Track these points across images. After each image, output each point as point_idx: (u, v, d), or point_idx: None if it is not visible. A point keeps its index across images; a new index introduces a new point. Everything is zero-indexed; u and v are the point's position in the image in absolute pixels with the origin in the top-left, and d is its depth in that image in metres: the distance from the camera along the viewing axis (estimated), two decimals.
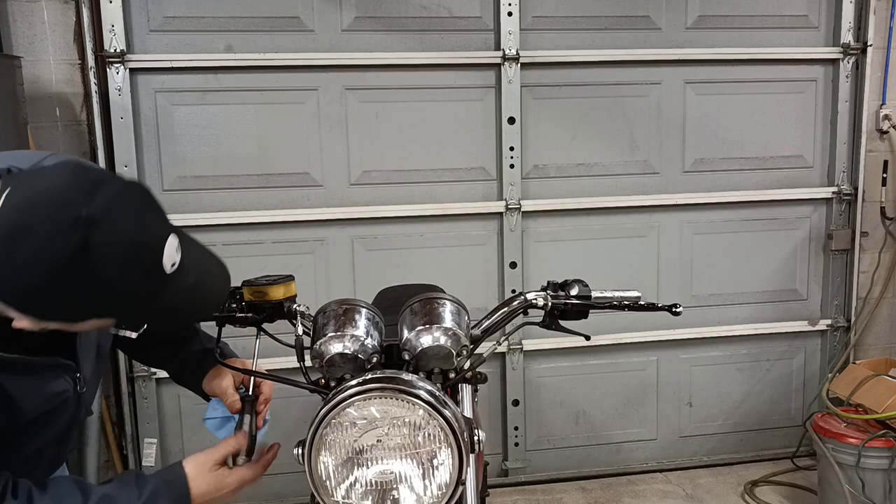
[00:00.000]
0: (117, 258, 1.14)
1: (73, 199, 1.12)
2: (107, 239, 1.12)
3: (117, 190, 1.17)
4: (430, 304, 1.59)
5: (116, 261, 1.14)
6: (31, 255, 1.09)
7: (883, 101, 3.99)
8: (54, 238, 1.10)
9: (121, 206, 1.16)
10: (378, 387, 1.39)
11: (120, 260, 1.14)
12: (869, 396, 3.35)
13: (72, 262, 1.10)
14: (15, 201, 1.12)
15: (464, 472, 1.39)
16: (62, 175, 1.15)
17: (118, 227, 1.14)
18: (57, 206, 1.11)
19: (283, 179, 3.60)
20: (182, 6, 3.42)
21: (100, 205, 1.13)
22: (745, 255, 4.02)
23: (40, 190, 1.13)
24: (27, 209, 1.11)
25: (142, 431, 3.63)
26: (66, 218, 1.10)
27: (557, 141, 3.77)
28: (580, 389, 4.00)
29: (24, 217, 1.11)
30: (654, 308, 1.78)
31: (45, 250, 1.09)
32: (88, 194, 1.13)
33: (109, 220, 1.13)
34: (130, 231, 1.16)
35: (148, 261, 1.18)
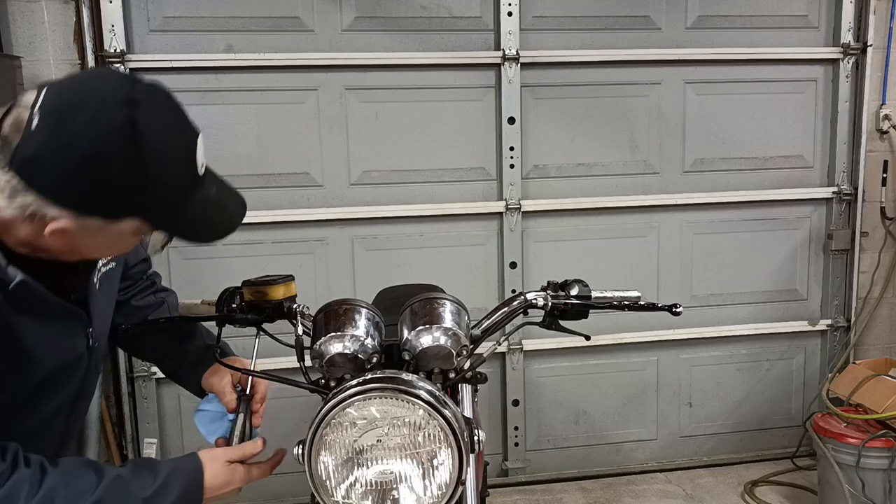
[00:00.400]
0: (161, 138, 1.20)
1: (116, 84, 1.20)
2: (151, 118, 1.19)
3: (153, 84, 1.25)
4: (431, 304, 1.59)
5: (160, 141, 1.20)
6: (79, 130, 1.14)
7: (883, 101, 3.98)
8: (102, 114, 1.16)
9: (157, 93, 1.24)
10: (378, 387, 1.39)
11: (163, 141, 1.21)
12: (869, 396, 3.35)
13: (119, 137, 1.16)
14: (59, 87, 1.19)
15: (464, 472, 1.39)
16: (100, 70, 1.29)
17: (160, 110, 1.23)
18: (102, 89, 1.19)
19: (283, 179, 3.60)
20: (182, 6, 3.42)
21: (141, 90, 1.21)
22: (745, 255, 4.02)
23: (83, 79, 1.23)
24: (73, 92, 1.19)
25: (142, 431, 3.64)
26: (112, 97, 1.17)
27: (557, 141, 3.77)
28: (580, 389, 4.00)
29: (70, 97, 1.17)
30: (654, 308, 1.78)
31: (94, 125, 1.15)
32: (130, 82, 1.22)
33: (151, 103, 1.21)
34: (170, 115, 1.25)
35: (185, 148, 1.26)
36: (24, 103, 1.18)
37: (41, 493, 1.22)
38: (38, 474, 1.24)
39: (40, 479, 1.23)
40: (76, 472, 1.29)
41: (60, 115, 1.15)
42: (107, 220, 1.22)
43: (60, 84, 1.21)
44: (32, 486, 1.22)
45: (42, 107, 1.16)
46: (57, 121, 1.14)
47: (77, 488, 1.26)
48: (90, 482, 1.28)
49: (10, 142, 1.16)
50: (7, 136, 1.17)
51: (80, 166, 1.15)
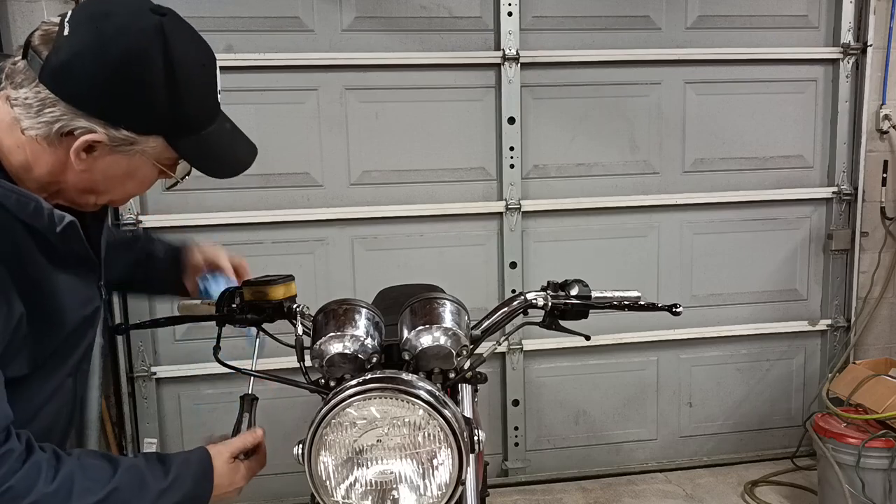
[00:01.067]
0: (188, 48, 1.26)
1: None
2: (178, 28, 1.26)
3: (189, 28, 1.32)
4: (430, 304, 1.59)
5: (187, 50, 1.26)
6: (112, 33, 1.18)
7: (883, 101, 3.98)
8: (134, 18, 1.21)
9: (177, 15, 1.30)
10: (378, 387, 1.39)
11: (190, 52, 1.27)
12: (869, 396, 3.35)
13: (151, 40, 1.20)
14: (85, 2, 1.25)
15: (464, 472, 1.39)
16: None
17: (184, 23, 1.29)
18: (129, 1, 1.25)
19: (283, 179, 3.60)
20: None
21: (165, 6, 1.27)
22: (745, 255, 4.02)
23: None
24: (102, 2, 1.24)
25: (142, 431, 3.64)
26: (140, 6, 1.24)
27: (557, 141, 3.77)
28: (580, 389, 4.00)
29: (99, 7, 1.22)
30: (654, 308, 1.78)
31: (126, 28, 1.19)
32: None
33: (175, 16, 1.27)
34: (192, 32, 1.31)
35: (209, 65, 1.31)
36: (51, 21, 1.22)
37: (59, 478, 1.20)
38: (54, 460, 1.22)
39: (56, 465, 1.21)
40: (91, 460, 1.28)
41: (92, 20, 1.19)
42: (134, 134, 1.24)
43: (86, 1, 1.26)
44: (49, 471, 1.19)
45: (73, 16, 1.20)
46: (89, 25, 1.18)
47: (93, 476, 1.25)
48: (106, 471, 1.27)
49: (41, 53, 1.19)
50: (37, 47, 1.20)
51: (114, 69, 1.18)
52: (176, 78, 1.22)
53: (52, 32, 1.19)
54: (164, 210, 3.48)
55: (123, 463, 1.30)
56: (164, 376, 3.63)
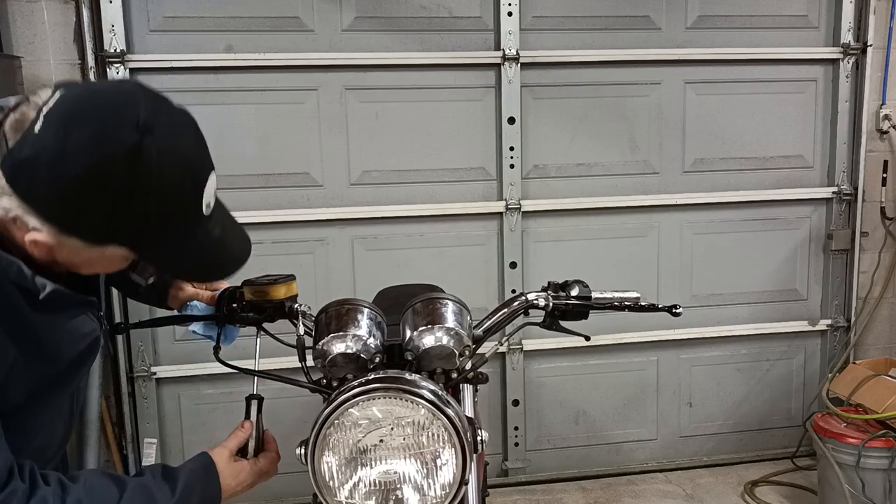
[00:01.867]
0: (164, 172, 1.11)
1: (135, 103, 1.11)
2: (160, 150, 1.10)
3: (178, 111, 1.18)
4: (433, 304, 1.59)
5: (163, 175, 1.11)
6: (82, 145, 1.07)
7: (883, 101, 3.99)
8: (110, 134, 1.08)
9: (179, 122, 1.17)
10: (381, 387, 1.39)
11: (166, 175, 1.12)
12: (869, 396, 3.35)
13: (120, 162, 1.08)
14: (74, 93, 1.12)
15: (467, 472, 1.39)
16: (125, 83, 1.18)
17: (173, 142, 1.13)
18: (118, 104, 1.11)
19: (283, 179, 3.60)
20: (182, 6, 3.41)
21: (160, 115, 1.12)
22: (745, 255, 4.02)
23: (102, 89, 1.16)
24: (86, 100, 1.11)
25: (142, 431, 3.63)
26: (125, 118, 1.09)
27: (557, 141, 3.77)
28: (580, 389, 4.00)
29: (81, 106, 1.10)
30: (654, 309, 1.78)
31: (97, 143, 1.07)
32: (153, 103, 1.13)
33: (166, 133, 1.12)
34: (183, 149, 1.16)
35: (191, 186, 1.17)
36: (35, 102, 1.13)
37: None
38: (59, 490, 1.21)
39: (62, 495, 1.20)
40: (97, 484, 1.27)
41: (66, 125, 1.08)
42: (88, 244, 1.16)
43: (77, 89, 1.14)
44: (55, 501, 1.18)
45: (50, 111, 1.09)
46: (60, 130, 1.07)
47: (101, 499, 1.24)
48: (113, 493, 1.26)
49: (8, 140, 1.11)
50: (6, 133, 1.12)
51: (70, 184, 1.08)
52: (141, 204, 1.11)
53: (25, 122, 1.10)
54: None
55: (130, 484, 1.29)
56: (164, 376, 3.62)
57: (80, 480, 1.25)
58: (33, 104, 1.12)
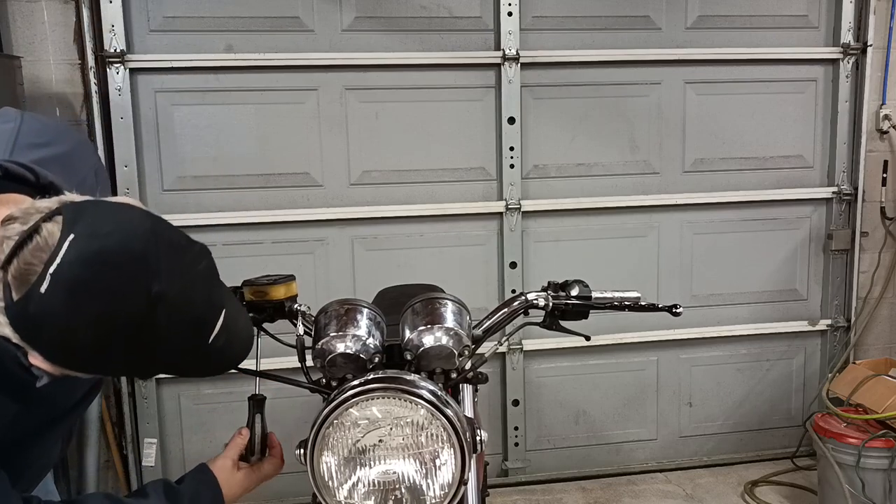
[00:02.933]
0: (175, 334, 1.10)
1: (148, 267, 1.06)
2: (172, 316, 1.08)
3: (190, 258, 1.14)
4: (432, 304, 1.59)
5: (174, 335, 1.10)
6: (90, 319, 1.04)
7: (883, 101, 3.99)
8: (120, 308, 1.04)
9: (191, 278, 1.13)
10: (380, 387, 1.39)
11: (177, 335, 1.11)
12: (869, 396, 3.35)
13: (132, 331, 1.06)
14: (82, 253, 1.03)
15: (466, 472, 1.39)
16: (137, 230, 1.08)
17: (185, 304, 1.10)
18: (129, 274, 1.05)
19: (283, 179, 3.60)
20: (182, 6, 3.41)
21: (172, 278, 1.08)
22: (745, 255, 4.02)
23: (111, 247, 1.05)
24: (96, 268, 1.04)
25: (142, 431, 3.63)
26: (137, 289, 1.05)
27: (557, 141, 3.77)
28: (580, 389, 3.99)
29: (91, 275, 1.03)
30: (654, 309, 1.78)
31: (107, 319, 1.04)
32: (163, 261, 1.08)
33: (179, 295, 1.09)
34: (195, 307, 1.13)
35: (201, 335, 1.15)
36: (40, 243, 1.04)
37: None
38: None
39: None
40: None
41: (74, 294, 1.02)
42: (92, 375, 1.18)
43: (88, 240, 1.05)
44: None
45: (57, 272, 1.02)
46: (68, 299, 1.02)
47: None
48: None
49: (10, 288, 1.04)
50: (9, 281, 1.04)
51: (77, 347, 1.06)
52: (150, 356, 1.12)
53: (30, 276, 1.03)
54: (164, 210, 3.48)
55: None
56: (164, 376, 3.61)
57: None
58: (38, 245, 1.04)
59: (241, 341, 1.28)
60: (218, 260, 1.21)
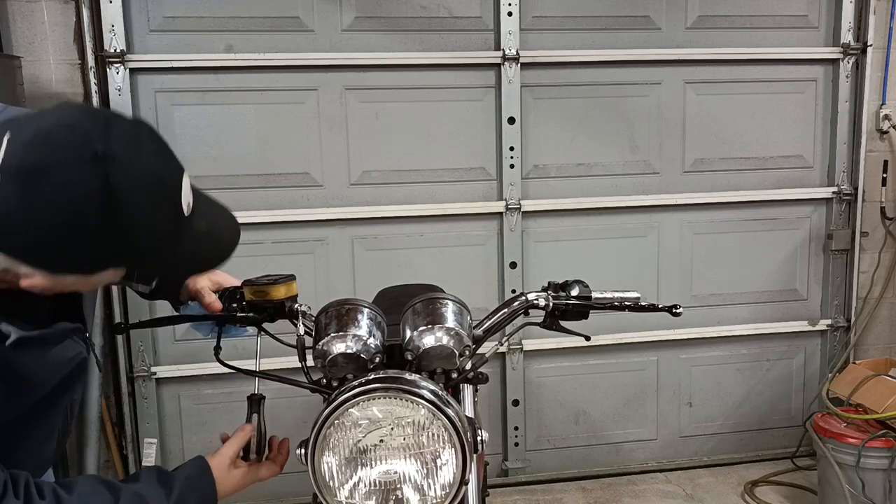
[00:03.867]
0: (139, 195, 1.09)
1: (88, 134, 1.07)
2: (128, 176, 1.08)
3: (130, 125, 1.13)
4: (433, 304, 1.59)
5: (138, 198, 1.09)
6: (48, 197, 1.03)
7: (883, 101, 3.99)
8: (73, 177, 1.04)
9: (137, 140, 1.12)
10: (381, 387, 1.39)
11: (142, 197, 1.10)
12: (869, 396, 3.35)
13: (93, 202, 1.05)
14: (24, 139, 1.05)
15: (467, 472, 1.39)
16: (70, 112, 1.09)
17: (138, 163, 1.10)
18: (72, 143, 1.05)
19: (283, 179, 3.60)
20: (182, 6, 3.41)
21: (116, 140, 1.08)
22: (745, 255, 4.02)
23: (49, 126, 1.06)
24: (40, 146, 1.05)
25: (142, 431, 3.63)
26: (83, 155, 1.05)
27: (557, 141, 3.77)
28: (580, 389, 4.00)
29: (37, 155, 1.04)
30: (654, 309, 1.78)
31: (65, 191, 1.04)
32: (103, 129, 1.08)
33: (128, 156, 1.09)
34: (150, 166, 1.12)
35: (168, 198, 1.15)
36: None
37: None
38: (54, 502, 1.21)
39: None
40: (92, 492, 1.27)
41: (26, 178, 1.03)
42: (83, 276, 1.14)
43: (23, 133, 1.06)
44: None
45: (5, 164, 1.04)
46: (23, 185, 1.03)
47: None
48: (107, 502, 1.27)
49: None
50: None
51: (48, 235, 1.05)
52: (124, 229, 1.09)
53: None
54: None
55: (125, 492, 1.29)
56: (164, 376, 3.62)
57: (74, 491, 1.25)
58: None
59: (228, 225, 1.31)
60: None
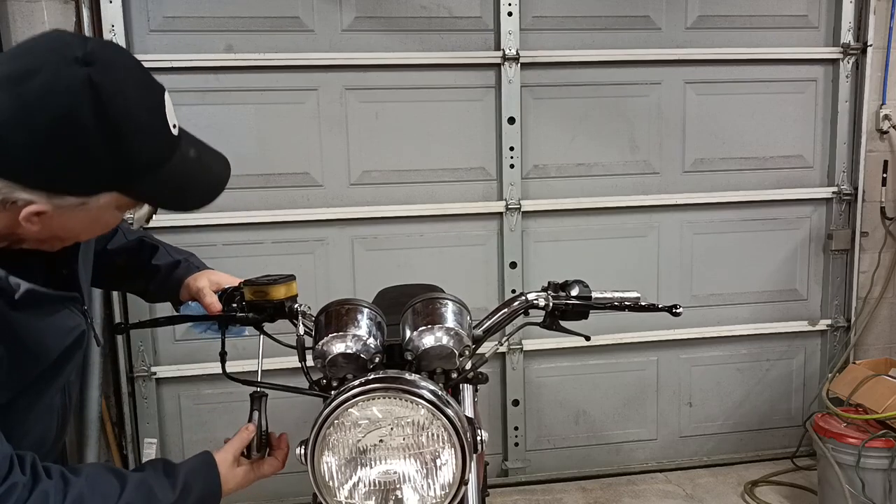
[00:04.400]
0: (124, 96, 1.14)
1: (67, 42, 1.13)
2: (111, 77, 1.12)
3: (104, 42, 1.20)
4: (433, 304, 1.59)
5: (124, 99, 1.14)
6: (36, 95, 1.07)
7: (883, 101, 3.99)
8: (58, 75, 1.08)
9: (113, 49, 1.19)
10: (381, 387, 1.39)
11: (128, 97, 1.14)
12: (869, 396, 3.35)
13: (81, 98, 1.09)
14: (7, 56, 1.13)
15: (467, 472, 1.39)
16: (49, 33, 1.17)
17: (119, 64, 1.16)
18: (52, 48, 1.12)
19: (283, 179, 3.60)
20: (182, 6, 3.41)
21: (93, 45, 1.14)
22: (745, 255, 4.02)
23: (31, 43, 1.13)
24: (20, 54, 1.12)
25: (142, 431, 3.63)
26: (64, 57, 1.10)
27: (557, 141, 3.77)
28: (580, 389, 3.99)
29: (21, 63, 1.10)
30: (654, 309, 1.78)
31: (51, 88, 1.08)
32: (81, 40, 1.14)
33: (108, 58, 1.14)
34: (131, 69, 1.18)
35: (154, 105, 1.20)
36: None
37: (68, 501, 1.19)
38: (62, 483, 1.21)
39: (64, 489, 1.20)
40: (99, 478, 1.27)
41: (12, 82, 1.08)
42: (82, 197, 1.16)
43: (9, 51, 1.15)
44: (57, 496, 1.19)
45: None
46: (8, 90, 1.07)
47: (102, 492, 1.24)
48: (114, 487, 1.27)
49: None
50: None
51: (44, 138, 1.08)
52: (116, 132, 1.12)
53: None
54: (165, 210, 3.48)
55: (131, 479, 1.30)
56: (164, 376, 3.62)
57: (81, 474, 1.26)
58: None
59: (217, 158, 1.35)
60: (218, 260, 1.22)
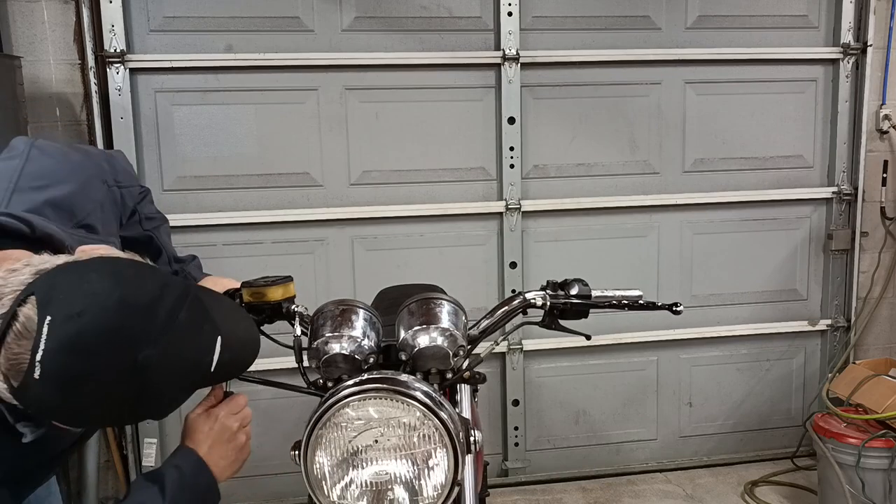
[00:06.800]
0: (171, 384, 1.16)
1: (128, 339, 1.08)
2: (163, 372, 1.12)
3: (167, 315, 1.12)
4: (428, 305, 1.59)
5: (169, 386, 1.16)
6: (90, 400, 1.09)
7: (883, 101, 3.98)
8: (112, 383, 1.09)
9: (173, 334, 1.13)
10: (374, 387, 1.39)
11: (173, 384, 1.16)
12: (869, 396, 3.35)
13: (129, 400, 1.12)
14: (62, 340, 1.05)
15: (459, 473, 1.39)
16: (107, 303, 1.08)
17: (174, 357, 1.13)
18: (112, 351, 1.07)
19: (283, 179, 3.60)
20: (182, 6, 3.42)
21: (155, 341, 1.10)
22: (745, 255, 4.01)
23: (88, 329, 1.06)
24: (80, 353, 1.06)
25: (142, 431, 3.63)
26: (122, 364, 1.08)
27: (557, 141, 3.77)
28: (580, 389, 3.99)
29: (76, 362, 1.06)
30: (654, 307, 1.78)
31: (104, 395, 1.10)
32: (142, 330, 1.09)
33: (165, 353, 1.11)
34: (185, 354, 1.16)
35: (199, 372, 1.20)
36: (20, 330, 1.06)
37: None
38: None
39: None
40: None
41: (64, 383, 1.06)
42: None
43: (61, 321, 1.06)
44: None
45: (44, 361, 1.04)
46: (62, 388, 1.06)
47: None
48: None
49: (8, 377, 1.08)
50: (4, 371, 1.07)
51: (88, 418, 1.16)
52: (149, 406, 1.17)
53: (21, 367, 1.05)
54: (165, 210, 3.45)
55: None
56: None
57: None
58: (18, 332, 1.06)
59: (246, 348, 1.30)
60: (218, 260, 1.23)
